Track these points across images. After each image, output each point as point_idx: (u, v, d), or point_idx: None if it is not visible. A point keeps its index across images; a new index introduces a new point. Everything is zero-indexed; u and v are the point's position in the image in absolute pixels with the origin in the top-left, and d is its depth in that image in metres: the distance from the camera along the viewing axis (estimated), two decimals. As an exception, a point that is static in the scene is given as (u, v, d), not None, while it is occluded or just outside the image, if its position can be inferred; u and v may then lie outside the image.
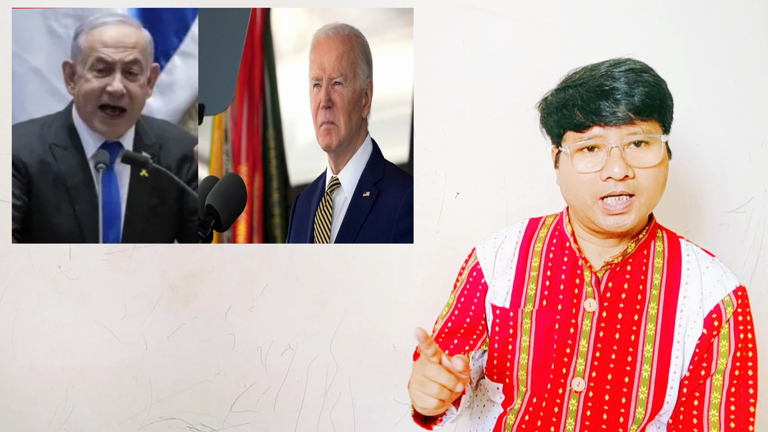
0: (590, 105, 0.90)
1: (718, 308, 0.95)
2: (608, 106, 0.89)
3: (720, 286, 0.97)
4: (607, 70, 0.91)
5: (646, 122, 0.90)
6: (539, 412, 1.01)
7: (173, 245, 1.41)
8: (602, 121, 0.89)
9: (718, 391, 0.95)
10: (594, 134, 0.91)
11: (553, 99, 0.96)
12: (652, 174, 0.91)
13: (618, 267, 0.99)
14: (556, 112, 0.95)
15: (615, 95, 0.89)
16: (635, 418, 0.97)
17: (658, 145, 0.91)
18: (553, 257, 1.04)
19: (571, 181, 0.95)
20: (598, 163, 0.91)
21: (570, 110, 0.92)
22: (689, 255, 1.01)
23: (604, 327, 0.98)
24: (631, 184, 0.90)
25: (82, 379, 1.45)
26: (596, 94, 0.89)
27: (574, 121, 0.92)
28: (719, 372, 0.95)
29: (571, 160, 0.94)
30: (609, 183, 0.91)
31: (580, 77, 0.94)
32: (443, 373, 0.87)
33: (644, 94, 0.88)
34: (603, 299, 0.99)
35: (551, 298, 1.02)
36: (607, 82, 0.89)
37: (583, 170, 0.92)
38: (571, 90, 0.93)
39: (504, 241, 1.10)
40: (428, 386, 0.88)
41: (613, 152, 0.90)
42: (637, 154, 0.90)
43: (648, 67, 0.92)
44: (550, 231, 1.08)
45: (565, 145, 0.95)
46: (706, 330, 0.95)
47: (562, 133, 0.96)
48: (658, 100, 0.90)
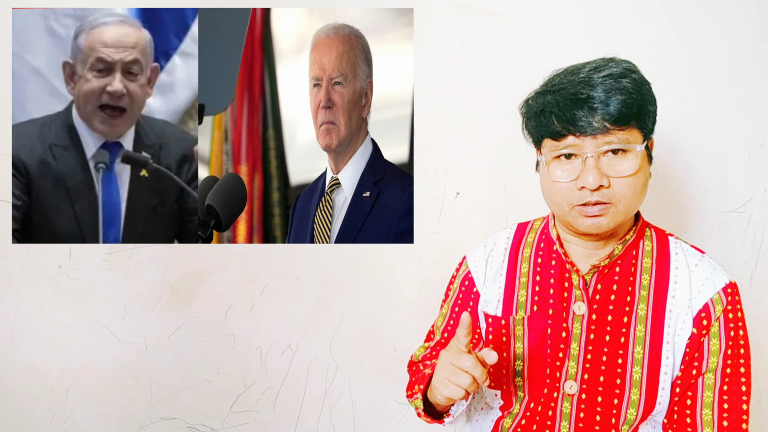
0: (566, 114, 0.88)
1: (707, 307, 0.95)
2: (584, 115, 0.87)
3: (709, 284, 0.96)
4: (586, 75, 0.89)
5: (623, 131, 0.88)
6: (535, 416, 1.01)
7: (173, 245, 1.41)
8: (577, 131, 0.88)
9: (710, 390, 0.94)
10: (569, 143, 0.90)
11: (533, 103, 0.95)
12: (629, 183, 0.90)
13: (606, 269, 0.99)
14: (534, 117, 0.94)
15: (591, 104, 0.87)
16: (626, 419, 0.97)
17: (635, 152, 0.90)
18: (542, 262, 1.04)
19: (548, 188, 0.95)
20: (574, 171, 0.90)
21: (547, 117, 0.91)
22: (678, 254, 1.00)
23: (594, 329, 0.98)
24: (606, 194, 0.89)
25: (82, 379, 1.45)
26: (572, 103, 0.88)
27: (550, 129, 0.91)
28: (710, 371, 0.94)
29: (547, 168, 0.94)
30: (584, 192, 0.90)
31: (559, 81, 0.92)
32: (479, 366, 0.87)
33: (620, 102, 0.86)
34: (592, 302, 0.98)
35: (542, 304, 1.02)
36: (583, 90, 0.88)
37: (559, 179, 0.92)
38: (549, 96, 0.92)
39: (493, 248, 1.10)
40: (461, 377, 0.87)
41: (587, 162, 0.89)
42: (613, 162, 0.89)
43: (630, 71, 0.90)
44: (538, 235, 1.08)
45: (543, 152, 0.95)
46: (695, 329, 0.95)
47: (541, 139, 0.95)
48: (636, 108, 0.88)
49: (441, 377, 0.91)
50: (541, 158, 0.96)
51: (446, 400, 0.92)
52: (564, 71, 0.94)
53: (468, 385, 0.87)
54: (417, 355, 1.16)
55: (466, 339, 0.89)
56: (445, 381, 0.90)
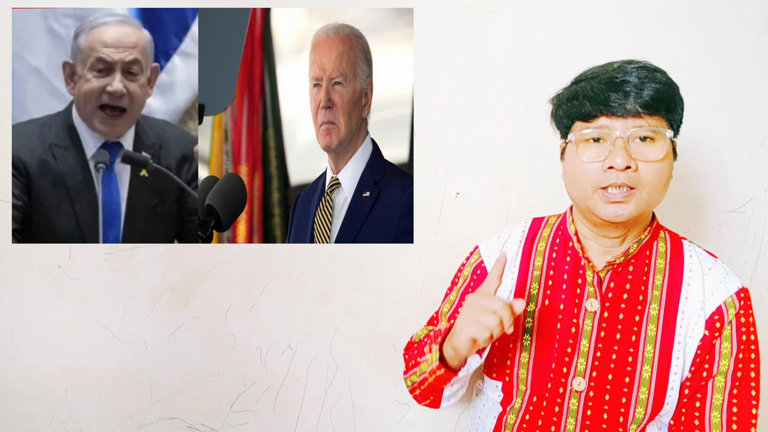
0: (600, 96, 0.91)
1: (720, 310, 0.95)
2: (617, 97, 0.90)
3: (722, 287, 0.97)
4: (620, 65, 0.93)
5: (653, 117, 0.91)
6: (540, 412, 1.01)
7: (173, 245, 1.41)
8: (609, 111, 0.91)
9: (720, 393, 0.94)
10: (601, 124, 0.92)
11: (565, 92, 0.98)
12: (655, 169, 0.91)
13: (620, 267, 0.99)
14: (566, 102, 0.97)
15: (625, 88, 0.90)
16: (635, 417, 0.97)
17: (663, 141, 0.91)
18: (556, 257, 1.04)
19: (574, 170, 0.96)
20: (602, 153, 0.92)
21: (580, 101, 0.94)
22: (691, 256, 1.01)
23: (606, 327, 0.98)
24: (632, 177, 0.91)
25: (81, 379, 1.45)
26: (606, 86, 0.91)
27: (582, 111, 0.93)
28: (721, 373, 0.95)
29: (576, 148, 0.95)
30: (611, 173, 0.91)
31: (592, 72, 0.95)
32: (508, 309, 0.87)
33: (654, 90, 0.89)
34: (605, 299, 0.99)
35: (553, 298, 1.02)
36: (618, 75, 0.91)
37: (587, 159, 0.93)
38: (583, 82, 0.94)
39: (508, 240, 1.10)
40: (489, 317, 0.87)
41: (617, 143, 0.90)
42: (641, 148, 0.91)
43: (662, 70, 0.93)
44: (553, 231, 1.08)
45: (572, 135, 0.96)
46: (707, 331, 0.95)
47: (571, 123, 0.97)
48: (667, 98, 0.91)
49: (468, 317, 0.89)
50: (571, 137, 0.96)
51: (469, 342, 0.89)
52: (596, 66, 0.97)
53: (495, 326, 0.86)
54: (418, 335, 1.15)
55: (497, 282, 0.90)
56: (473, 320, 0.88)
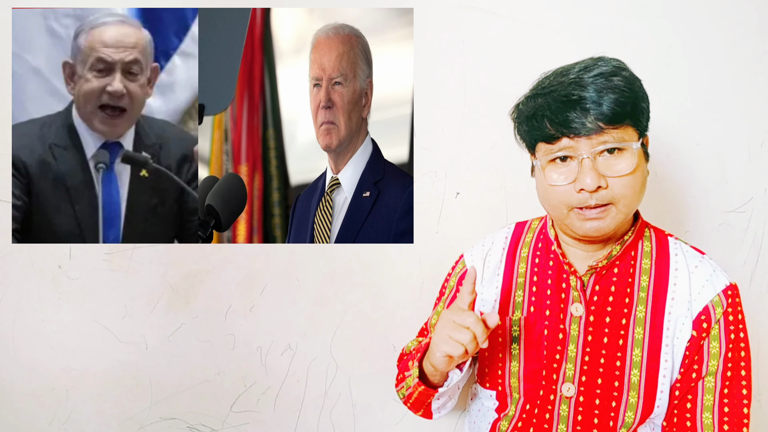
0: (558, 116, 0.87)
1: (706, 309, 0.94)
2: (577, 116, 0.86)
3: (709, 286, 0.95)
4: (576, 76, 0.88)
5: (617, 129, 0.87)
6: (532, 419, 1.01)
7: (173, 245, 1.41)
8: (571, 132, 0.87)
9: (710, 393, 0.93)
10: (564, 145, 0.89)
11: (524, 108, 0.94)
12: (627, 182, 0.88)
13: (604, 270, 0.98)
14: (526, 121, 0.93)
15: (583, 105, 0.86)
16: (625, 422, 0.96)
17: (631, 150, 0.88)
18: (539, 262, 1.03)
19: (545, 192, 0.94)
20: (570, 174, 0.89)
21: (539, 121, 0.90)
22: (677, 255, 0.99)
23: (592, 331, 0.97)
24: (605, 195, 0.88)
25: (82, 379, 1.45)
26: (564, 105, 0.87)
27: (544, 133, 0.90)
28: (711, 374, 0.93)
29: (543, 172, 0.93)
30: (583, 195, 0.89)
31: (549, 84, 0.91)
32: (480, 324, 0.86)
33: (613, 101, 0.85)
34: (590, 303, 0.98)
35: (539, 304, 1.01)
36: (575, 92, 0.86)
37: (556, 182, 0.91)
38: (540, 99, 0.90)
39: (491, 248, 1.09)
40: (462, 333, 0.86)
41: (584, 163, 0.87)
42: (610, 162, 0.88)
43: (620, 68, 0.89)
44: (536, 235, 1.07)
45: (538, 156, 0.94)
46: (695, 332, 0.94)
47: (534, 143, 0.94)
48: (629, 106, 0.87)
49: (442, 334, 0.89)
50: (536, 162, 0.94)
51: (445, 359, 0.90)
52: (553, 73, 0.93)
53: (468, 342, 0.86)
54: (408, 347, 1.15)
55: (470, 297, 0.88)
56: (446, 337, 0.88)
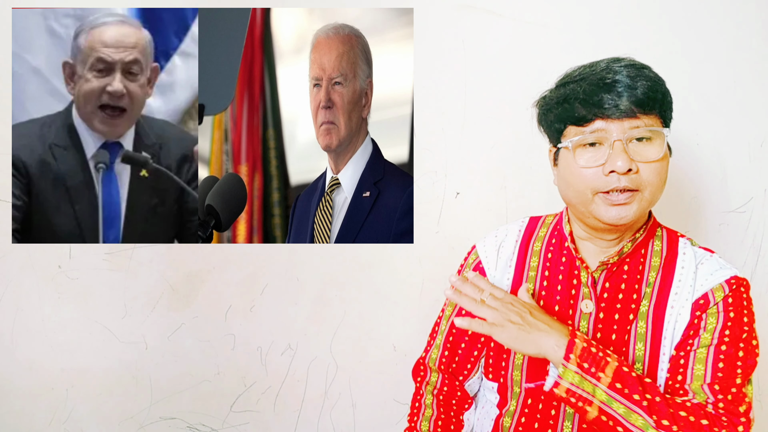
0: (592, 98, 0.89)
1: (706, 295, 0.93)
2: (610, 98, 0.88)
3: (712, 278, 0.95)
4: (607, 65, 0.91)
5: (648, 116, 0.89)
6: (536, 414, 1.01)
7: (173, 245, 1.41)
8: (605, 114, 0.89)
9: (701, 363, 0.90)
10: (596, 128, 0.90)
11: (553, 95, 0.96)
12: (655, 168, 0.90)
13: (614, 267, 0.98)
14: (556, 107, 0.94)
15: (617, 88, 0.88)
16: None
17: (660, 139, 0.90)
18: (552, 257, 1.04)
19: (572, 176, 0.94)
20: (601, 157, 0.90)
21: (571, 104, 0.91)
22: (685, 253, 0.99)
23: (601, 328, 0.97)
24: (634, 179, 0.89)
25: (82, 378, 1.45)
26: (598, 87, 0.89)
27: (575, 115, 0.91)
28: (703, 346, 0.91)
29: (573, 154, 0.93)
30: (612, 178, 0.89)
31: (579, 73, 0.93)
32: None
33: (647, 87, 0.88)
34: (600, 300, 0.98)
35: (548, 299, 1.01)
36: (608, 76, 0.89)
37: (586, 164, 0.91)
38: (572, 85, 0.92)
39: (504, 239, 1.10)
40: None
41: (615, 146, 0.89)
42: (639, 148, 0.90)
43: (648, 66, 0.92)
44: (550, 230, 1.07)
45: (566, 140, 0.94)
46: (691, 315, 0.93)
47: (563, 128, 0.94)
48: (660, 94, 0.90)
49: None
50: (567, 143, 0.93)
51: None
52: (580, 66, 0.95)
53: None
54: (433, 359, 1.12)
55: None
56: None
